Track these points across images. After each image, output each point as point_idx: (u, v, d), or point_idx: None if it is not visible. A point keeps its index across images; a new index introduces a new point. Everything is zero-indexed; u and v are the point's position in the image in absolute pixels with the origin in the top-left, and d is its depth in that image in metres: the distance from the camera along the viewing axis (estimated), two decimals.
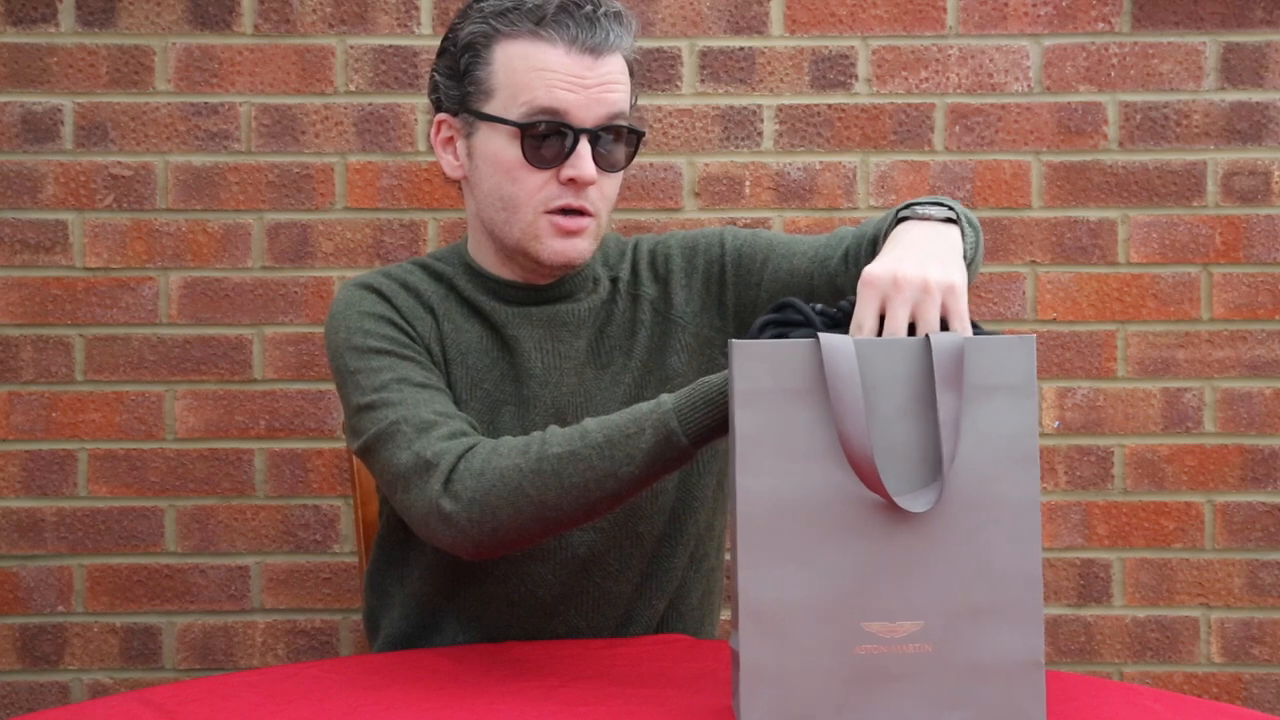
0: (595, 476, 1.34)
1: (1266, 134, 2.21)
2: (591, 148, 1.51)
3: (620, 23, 1.52)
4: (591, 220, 1.54)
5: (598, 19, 1.50)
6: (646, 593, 1.62)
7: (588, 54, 1.49)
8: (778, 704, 1.12)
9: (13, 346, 2.18)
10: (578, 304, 1.60)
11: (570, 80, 1.49)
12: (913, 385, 1.13)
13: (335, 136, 2.19)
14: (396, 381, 1.50)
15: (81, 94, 2.18)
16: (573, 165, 1.50)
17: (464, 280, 1.62)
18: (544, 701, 1.23)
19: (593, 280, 1.62)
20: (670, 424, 1.32)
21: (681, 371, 1.60)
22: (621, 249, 1.67)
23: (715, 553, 1.71)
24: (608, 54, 1.51)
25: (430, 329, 1.58)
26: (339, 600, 2.20)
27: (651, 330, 1.61)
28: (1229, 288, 2.22)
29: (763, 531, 1.12)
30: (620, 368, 1.60)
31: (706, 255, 1.64)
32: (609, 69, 1.51)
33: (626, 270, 1.65)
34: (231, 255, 2.19)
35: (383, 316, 1.56)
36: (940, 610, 1.13)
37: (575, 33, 1.49)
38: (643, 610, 1.62)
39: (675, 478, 1.60)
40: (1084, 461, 2.23)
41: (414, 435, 1.43)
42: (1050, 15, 2.21)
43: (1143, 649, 2.23)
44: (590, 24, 1.49)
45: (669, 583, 1.63)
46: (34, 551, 2.19)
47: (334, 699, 1.25)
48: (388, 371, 1.51)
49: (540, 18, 1.49)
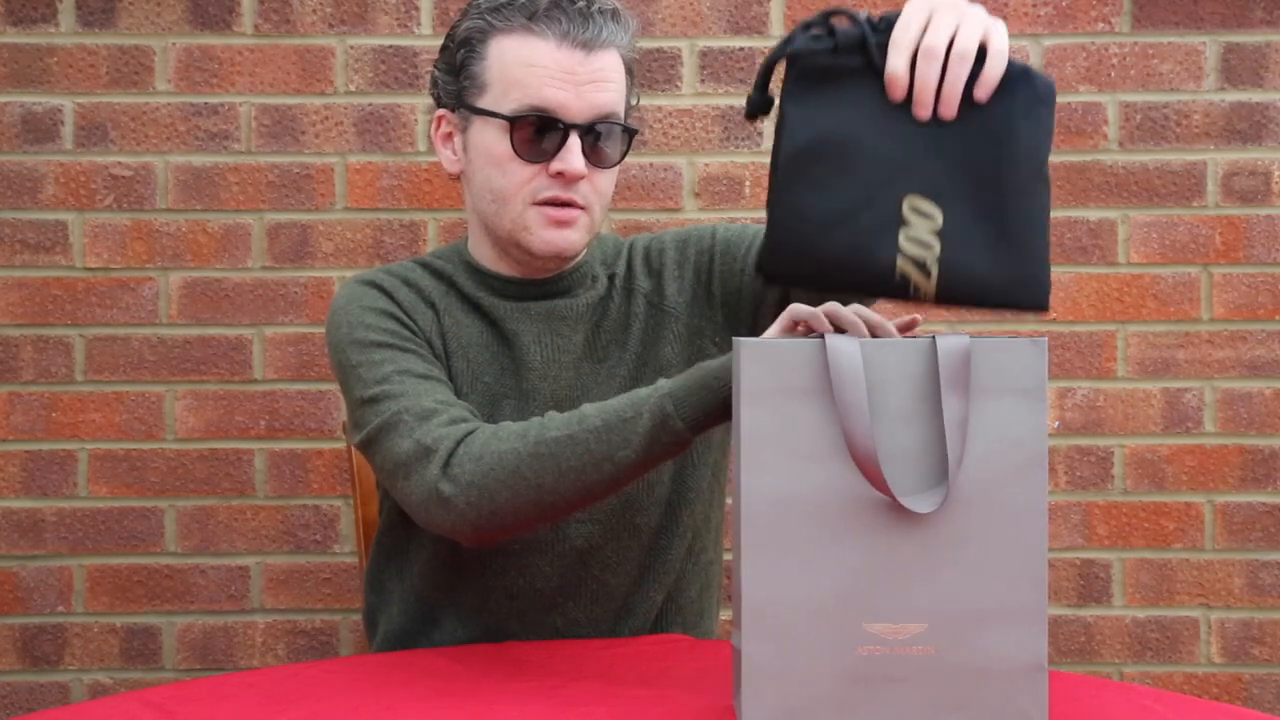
0: (592, 460, 1.35)
1: (1266, 134, 2.21)
2: (582, 143, 1.52)
3: (615, 20, 1.54)
4: (582, 213, 1.55)
5: (591, 15, 1.51)
6: (644, 585, 1.63)
7: (579, 49, 1.51)
8: (779, 704, 1.12)
9: (13, 346, 2.18)
10: (575, 299, 1.62)
11: (561, 75, 1.50)
12: (919, 386, 1.13)
13: (335, 136, 2.19)
14: (398, 373, 1.51)
15: (81, 94, 2.18)
16: (562, 159, 1.51)
17: (463, 277, 1.63)
18: (544, 701, 1.23)
19: (590, 277, 1.64)
20: (666, 408, 1.32)
21: (674, 361, 1.62)
22: (619, 248, 1.69)
23: (713, 546, 1.72)
24: (600, 50, 1.52)
25: (431, 323, 1.59)
26: (339, 600, 2.20)
27: (645, 322, 1.62)
28: (1229, 288, 2.22)
29: (766, 531, 1.12)
30: (616, 360, 1.61)
31: (698, 246, 1.66)
32: (601, 65, 1.52)
33: (622, 266, 1.66)
34: (231, 255, 2.19)
35: (384, 311, 1.57)
36: (944, 612, 1.13)
37: (567, 27, 1.50)
38: (640, 603, 1.63)
39: (670, 470, 1.61)
40: (1084, 462, 2.23)
41: (415, 424, 1.44)
42: (1050, 15, 2.21)
43: (1143, 649, 2.23)
44: (583, 19, 1.51)
45: (666, 575, 1.64)
46: (34, 551, 2.19)
47: (334, 699, 1.25)
48: (389, 364, 1.52)
49: (533, 13, 1.51)
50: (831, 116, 1.23)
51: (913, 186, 1.22)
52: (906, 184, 1.22)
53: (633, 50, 1.58)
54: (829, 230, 1.21)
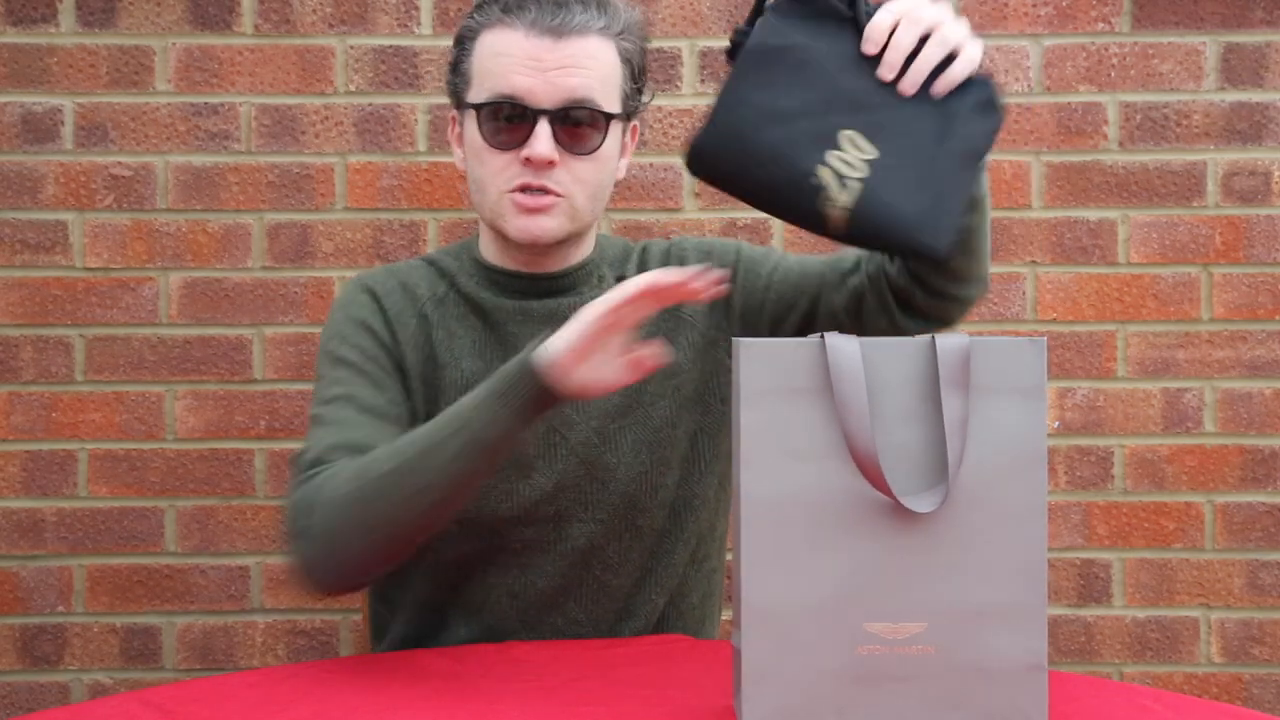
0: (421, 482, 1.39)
1: (1266, 134, 2.21)
2: (554, 129, 1.53)
3: (600, 9, 1.55)
4: (559, 200, 1.55)
5: (564, 3, 1.53)
6: (646, 588, 1.62)
7: (547, 35, 1.52)
8: (779, 704, 1.12)
9: (13, 346, 2.18)
10: (579, 297, 1.61)
11: (527, 62, 1.53)
12: (918, 386, 1.13)
13: (335, 136, 2.19)
14: (343, 399, 1.54)
15: (81, 94, 2.18)
16: (529, 146, 1.53)
17: (467, 275, 1.64)
18: (544, 701, 1.23)
19: (596, 277, 1.64)
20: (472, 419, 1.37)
21: (686, 369, 1.61)
22: (628, 252, 1.69)
23: (717, 554, 1.72)
24: (572, 36, 1.53)
25: (415, 335, 1.61)
26: (339, 600, 2.20)
27: (658, 327, 1.62)
28: (1229, 288, 2.22)
29: (766, 530, 1.12)
30: None
31: (721, 259, 1.66)
32: (571, 51, 1.53)
33: (633, 269, 1.66)
34: (231, 255, 2.19)
35: (363, 323, 1.60)
36: (943, 612, 1.13)
37: (535, 15, 1.53)
38: (642, 605, 1.62)
39: (675, 474, 1.61)
40: (1084, 461, 2.23)
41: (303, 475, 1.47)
42: (1050, 15, 2.21)
43: (1143, 649, 2.23)
44: (555, 7, 1.53)
45: (669, 579, 1.63)
46: (34, 551, 2.19)
47: (334, 699, 1.25)
48: (339, 386, 1.56)
49: (507, 5, 1.54)
50: (805, 36, 1.31)
51: (856, 124, 1.30)
52: (851, 120, 1.29)
53: (631, 39, 1.58)
54: (765, 125, 1.29)
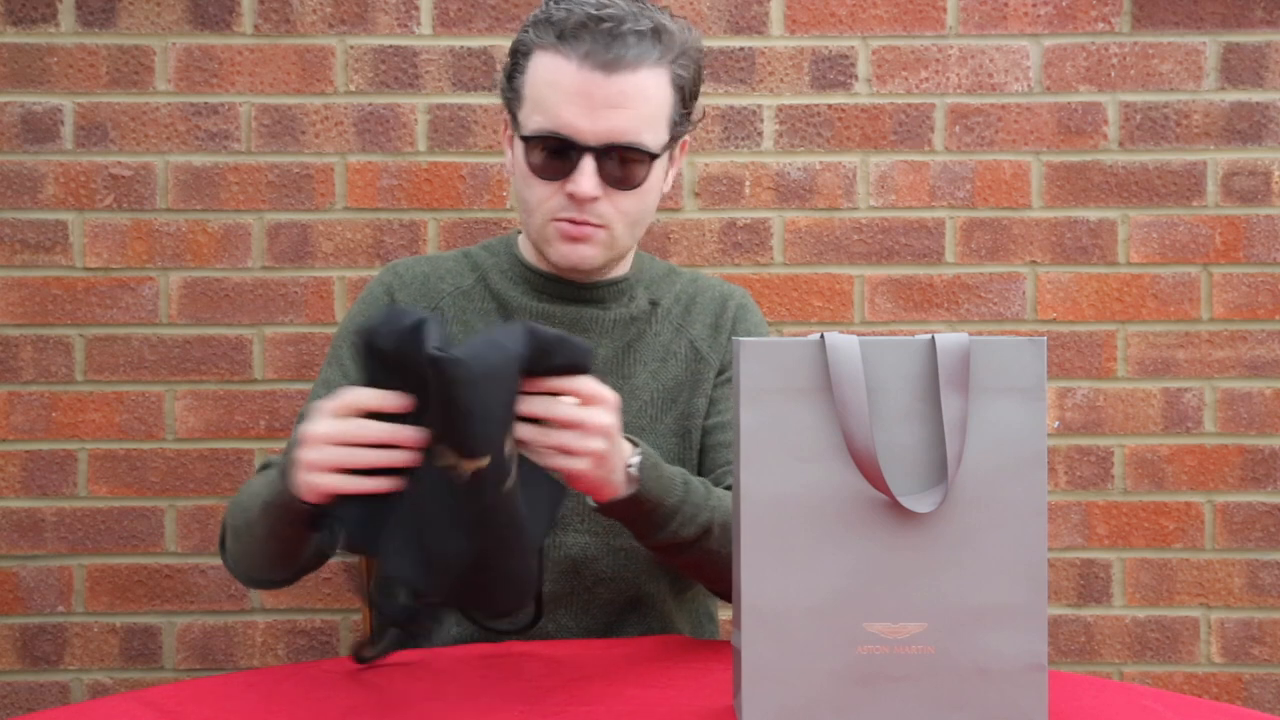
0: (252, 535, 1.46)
1: (1266, 134, 2.21)
2: (597, 164, 1.52)
3: (655, 38, 1.51)
4: (600, 230, 1.56)
5: (619, 35, 1.49)
6: (638, 605, 1.62)
7: (599, 70, 1.49)
8: (779, 703, 1.12)
9: (13, 346, 2.18)
10: (605, 310, 1.64)
11: (576, 98, 1.50)
12: (918, 385, 1.13)
13: (335, 136, 2.19)
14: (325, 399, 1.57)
15: (81, 94, 2.18)
16: (574, 181, 1.52)
17: (501, 271, 1.67)
18: (543, 701, 1.23)
19: (628, 296, 1.66)
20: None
21: (701, 414, 1.64)
22: (671, 277, 1.71)
23: None
24: (624, 71, 1.50)
25: None
26: (339, 600, 2.20)
27: (686, 365, 1.65)
28: (1229, 288, 2.22)
29: (765, 530, 1.12)
30: (642, 384, 1.63)
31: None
32: (621, 88, 1.50)
33: (671, 300, 1.68)
34: (231, 255, 2.19)
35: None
36: (943, 612, 1.13)
37: (589, 48, 1.49)
38: (633, 617, 1.63)
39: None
40: (1084, 461, 2.23)
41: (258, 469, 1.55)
42: (1050, 15, 2.21)
43: (1143, 649, 2.23)
44: (608, 40, 1.49)
45: (660, 592, 1.64)
46: (34, 551, 2.19)
47: (334, 699, 1.25)
48: (324, 386, 1.60)
49: (562, 31, 1.51)
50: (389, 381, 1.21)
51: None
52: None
53: (686, 64, 1.56)
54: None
